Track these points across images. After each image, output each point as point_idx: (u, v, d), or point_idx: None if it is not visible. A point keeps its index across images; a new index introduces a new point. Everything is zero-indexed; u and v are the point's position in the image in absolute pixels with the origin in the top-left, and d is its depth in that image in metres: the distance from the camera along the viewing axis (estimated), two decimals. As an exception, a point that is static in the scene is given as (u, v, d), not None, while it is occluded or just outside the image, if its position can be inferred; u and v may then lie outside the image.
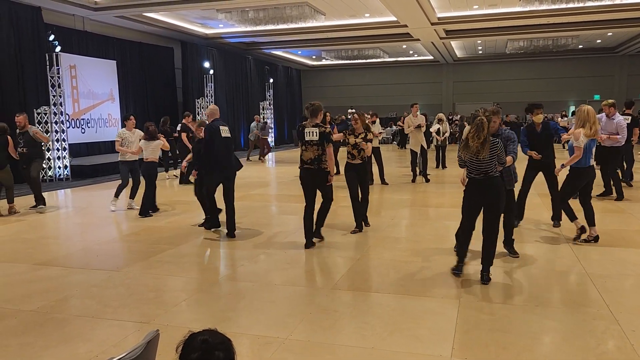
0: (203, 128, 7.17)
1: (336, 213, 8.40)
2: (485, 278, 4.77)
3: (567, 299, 4.38)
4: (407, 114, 23.92)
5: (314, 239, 6.25)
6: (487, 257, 4.82)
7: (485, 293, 4.52)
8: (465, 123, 17.74)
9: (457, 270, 4.98)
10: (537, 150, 6.59)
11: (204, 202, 7.37)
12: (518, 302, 4.29)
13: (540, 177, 6.86)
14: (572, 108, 27.12)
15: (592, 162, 6.07)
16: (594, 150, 6.07)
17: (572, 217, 6.17)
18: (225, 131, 6.90)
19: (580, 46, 24.89)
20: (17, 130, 8.96)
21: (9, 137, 8.65)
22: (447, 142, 14.74)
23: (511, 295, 4.47)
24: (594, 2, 14.82)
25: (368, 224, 7.27)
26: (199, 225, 7.44)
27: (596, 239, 6.09)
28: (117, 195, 8.79)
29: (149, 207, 8.35)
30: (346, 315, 4.11)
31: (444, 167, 14.28)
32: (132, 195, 8.86)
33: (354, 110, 23.67)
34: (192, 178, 7.95)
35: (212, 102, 20.68)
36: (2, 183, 8.70)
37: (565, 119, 22.37)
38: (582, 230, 6.16)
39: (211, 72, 20.51)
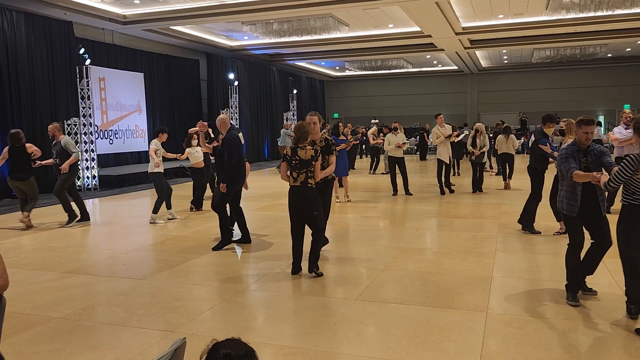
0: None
1: (360, 223, 8.37)
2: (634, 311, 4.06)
3: (599, 314, 4.25)
4: (429, 125, 23.90)
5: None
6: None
7: (513, 306, 4.43)
8: (489, 133, 17.51)
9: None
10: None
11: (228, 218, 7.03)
12: (548, 316, 4.19)
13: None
14: (601, 118, 26.60)
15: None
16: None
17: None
18: (241, 138, 7.11)
19: (609, 55, 24.44)
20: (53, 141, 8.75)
21: (26, 144, 8.33)
22: (487, 159, 11.74)
23: (540, 309, 4.37)
24: (622, 10, 14.55)
25: (317, 270, 5.38)
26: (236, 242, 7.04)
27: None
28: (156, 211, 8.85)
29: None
30: (371, 326, 4.07)
31: (480, 190, 11.66)
32: (169, 206, 8.99)
33: (377, 121, 23.46)
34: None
35: (237, 113, 20.91)
36: (27, 195, 8.42)
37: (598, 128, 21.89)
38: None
39: (236, 83, 20.76)
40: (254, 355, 1.61)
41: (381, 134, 17.24)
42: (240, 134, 7.14)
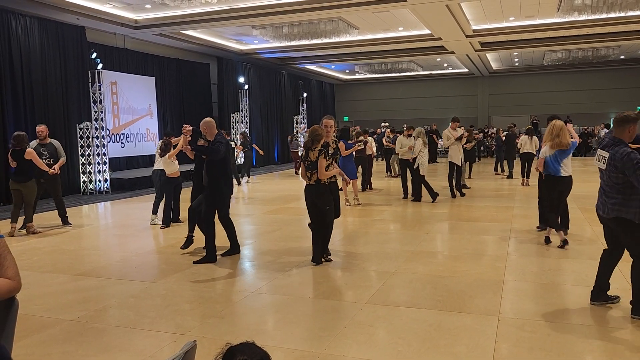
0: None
1: (370, 226, 8.35)
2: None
3: (612, 317, 4.20)
4: (429, 126, 23.77)
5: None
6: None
7: (525, 309, 4.38)
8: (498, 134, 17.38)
9: None
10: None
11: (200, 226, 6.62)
12: (560, 320, 4.14)
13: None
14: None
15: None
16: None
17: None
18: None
19: (622, 57, 24.19)
20: (37, 141, 8.66)
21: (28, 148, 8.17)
22: (418, 164, 10.45)
23: (552, 313, 4.31)
24: (635, 11, 14.41)
25: (327, 257, 6.09)
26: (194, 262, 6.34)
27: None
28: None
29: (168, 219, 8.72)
30: (381, 330, 4.05)
31: (418, 198, 10.78)
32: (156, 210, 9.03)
33: (387, 124, 23.42)
34: None
35: (247, 116, 20.97)
36: (23, 199, 8.21)
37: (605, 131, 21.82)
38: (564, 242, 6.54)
39: (246, 87, 20.84)
40: (269, 359, 1.60)
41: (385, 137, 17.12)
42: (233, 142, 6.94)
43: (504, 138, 16.32)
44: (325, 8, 13.50)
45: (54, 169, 8.51)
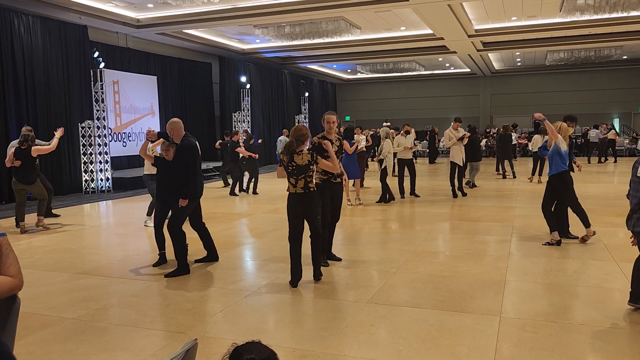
0: (172, 149, 5.87)
1: (371, 226, 8.35)
2: None
3: (615, 318, 4.19)
4: (431, 127, 23.77)
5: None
6: None
7: (527, 310, 4.38)
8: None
9: None
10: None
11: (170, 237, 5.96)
12: (562, 320, 4.13)
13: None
14: (617, 121, 26.29)
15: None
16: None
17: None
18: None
19: (625, 57, 24.15)
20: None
21: (32, 148, 8.26)
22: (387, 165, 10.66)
23: (554, 313, 4.31)
24: (638, 11, 14.39)
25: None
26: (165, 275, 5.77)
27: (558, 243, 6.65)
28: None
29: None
30: (382, 329, 4.04)
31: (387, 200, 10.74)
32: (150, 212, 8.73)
33: (388, 124, 23.42)
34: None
35: (248, 115, 20.96)
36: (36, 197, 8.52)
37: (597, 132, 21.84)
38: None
39: (248, 86, 20.85)
40: (275, 358, 1.59)
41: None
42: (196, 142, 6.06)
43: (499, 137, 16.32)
44: (327, 7, 13.50)
45: (57, 135, 8.80)
